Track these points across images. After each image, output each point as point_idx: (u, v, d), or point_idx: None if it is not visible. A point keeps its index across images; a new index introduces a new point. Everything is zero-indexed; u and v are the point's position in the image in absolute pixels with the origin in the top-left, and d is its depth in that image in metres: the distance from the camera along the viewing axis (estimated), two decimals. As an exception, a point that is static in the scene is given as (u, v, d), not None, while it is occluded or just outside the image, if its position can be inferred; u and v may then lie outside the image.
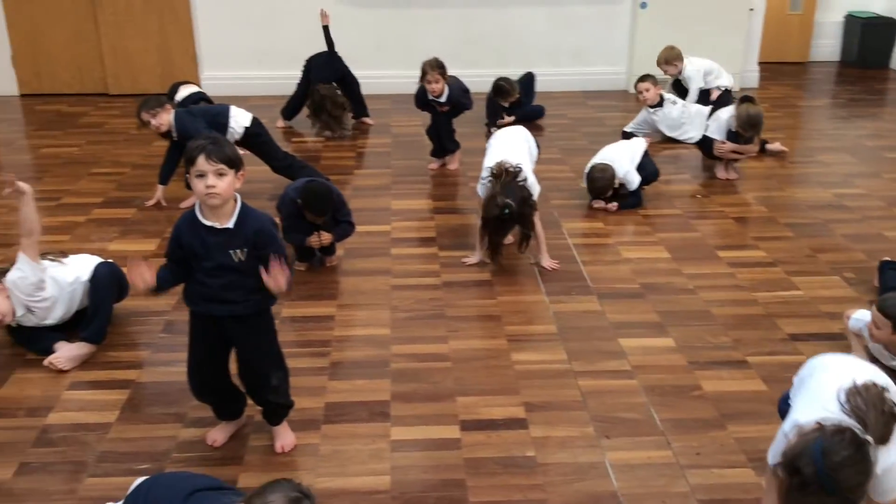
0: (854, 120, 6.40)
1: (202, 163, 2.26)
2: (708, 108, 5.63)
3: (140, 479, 2.11)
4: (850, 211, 4.54)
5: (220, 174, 2.27)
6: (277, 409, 2.59)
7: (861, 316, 2.97)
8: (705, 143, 5.15)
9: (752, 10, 6.95)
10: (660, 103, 5.65)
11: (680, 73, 6.01)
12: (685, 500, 2.41)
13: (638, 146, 4.73)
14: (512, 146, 4.02)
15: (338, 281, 3.74)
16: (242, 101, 6.54)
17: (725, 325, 3.35)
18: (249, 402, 2.61)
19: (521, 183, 3.71)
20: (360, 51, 6.23)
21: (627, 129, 5.76)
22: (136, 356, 3.13)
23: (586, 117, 6.38)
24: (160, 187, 4.55)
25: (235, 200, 2.36)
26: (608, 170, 4.50)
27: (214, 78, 6.83)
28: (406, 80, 5.22)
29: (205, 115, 4.45)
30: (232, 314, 2.39)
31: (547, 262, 3.87)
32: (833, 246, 4.09)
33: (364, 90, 6.05)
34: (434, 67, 4.91)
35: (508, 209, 3.60)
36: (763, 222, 4.41)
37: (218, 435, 2.63)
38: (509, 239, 3.99)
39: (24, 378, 2.98)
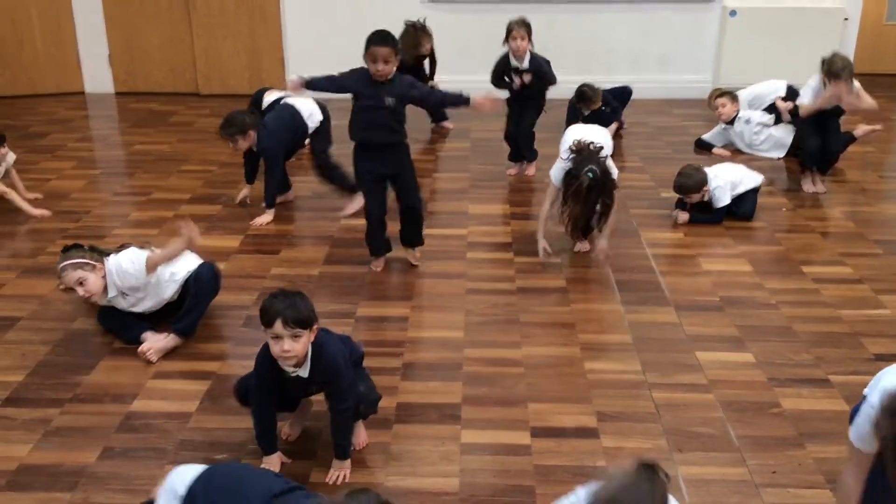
0: (953, 134, 6.13)
1: (279, 328, 2.31)
2: (788, 127, 5.44)
3: (180, 471, 2.11)
4: (946, 229, 4.36)
5: (296, 337, 2.32)
6: None
7: None
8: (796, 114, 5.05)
9: (846, 19, 6.73)
10: (732, 121, 5.53)
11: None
12: (760, 519, 2.35)
13: (752, 179, 4.55)
14: (591, 130, 4.05)
15: (412, 283, 3.78)
16: (329, 103, 6.73)
17: (808, 343, 3.26)
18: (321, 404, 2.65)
19: (603, 160, 3.70)
20: (442, 55, 6.27)
21: (705, 137, 5.65)
22: (218, 348, 3.22)
23: (669, 126, 6.28)
24: (247, 186, 4.67)
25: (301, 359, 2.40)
26: (701, 172, 4.41)
27: (300, 80, 6.99)
28: (488, 84, 5.23)
29: (283, 129, 4.48)
30: None
31: (604, 244, 3.85)
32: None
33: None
34: (521, 24, 4.86)
35: (593, 174, 3.59)
36: (851, 238, 4.26)
37: (292, 429, 2.69)
38: (585, 246, 3.99)
39: (111, 365, 3.10)
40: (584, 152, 3.71)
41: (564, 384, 2.99)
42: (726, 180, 4.42)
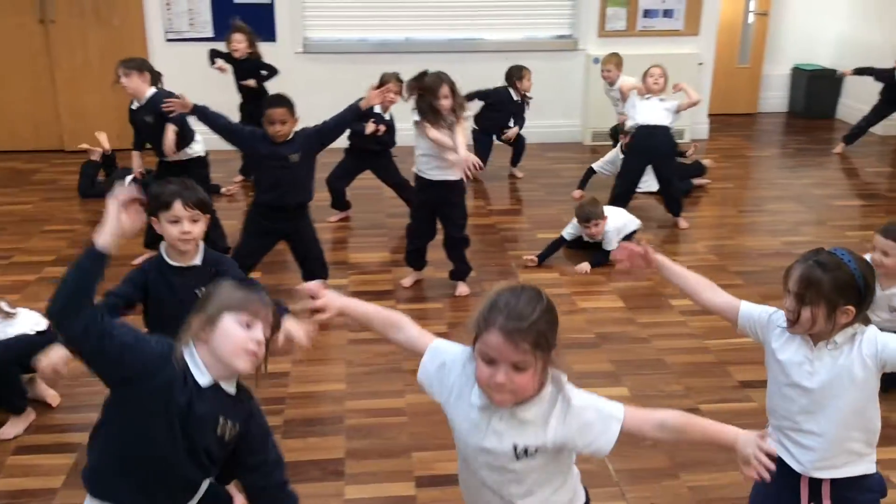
0: (801, 169, 6.58)
1: (178, 209, 2.30)
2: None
3: None
4: (799, 258, 4.64)
5: (195, 220, 2.34)
6: None
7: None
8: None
9: (701, 63, 7.15)
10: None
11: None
12: (639, 552, 2.40)
13: (634, 223, 4.75)
14: None
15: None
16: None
17: (678, 373, 3.39)
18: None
19: None
20: (315, 106, 6.27)
21: (595, 166, 5.79)
22: (85, 418, 3.06)
23: (543, 169, 6.48)
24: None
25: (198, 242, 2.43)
26: (600, 206, 4.53)
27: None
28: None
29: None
30: None
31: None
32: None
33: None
34: (395, 77, 4.98)
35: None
36: (714, 270, 4.48)
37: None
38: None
39: (-33, 443, 2.90)
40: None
41: (448, 431, 2.98)
42: (614, 226, 4.57)
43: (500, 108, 6.09)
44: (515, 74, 6.11)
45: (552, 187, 5.97)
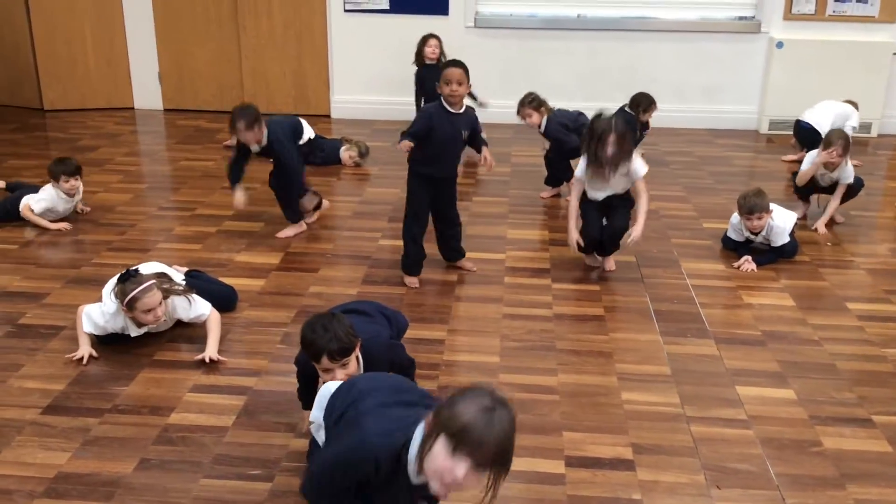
0: None
1: (326, 363, 2.42)
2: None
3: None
4: None
5: (345, 365, 2.42)
6: None
7: None
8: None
9: (895, 54, 6.64)
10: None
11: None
12: (798, 561, 2.29)
13: (791, 217, 4.40)
14: None
15: (450, 306, 3.77)
16: (368, 125, 6.80)
17: (851, 381, 3.19)
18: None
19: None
20: (484, 80, 6.31)
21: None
22: (255, 364, 3.25)
23: (713, 156, 6.24)
24: (239, 187, 4.54)
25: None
26: (766, 198, 4.24)
27: (343, 101, 7.10)
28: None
29: (291, 130, 4.55)
30: None
31: (638, 231, 3.86)
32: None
33: (487, 118, 6.12)
34: (524, 104, 5.09)
35: (604, 114, 3.83)
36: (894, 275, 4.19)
37: None
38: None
39: (150, 377, 3.14)
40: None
41: (600, 414, 2.96)
42: (782, 221, 4.27)
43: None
44: (643, 104, 5.72)
45: (721, 175, 5.74)
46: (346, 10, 6.92)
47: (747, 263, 4.19)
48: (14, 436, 2.76)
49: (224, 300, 3.61)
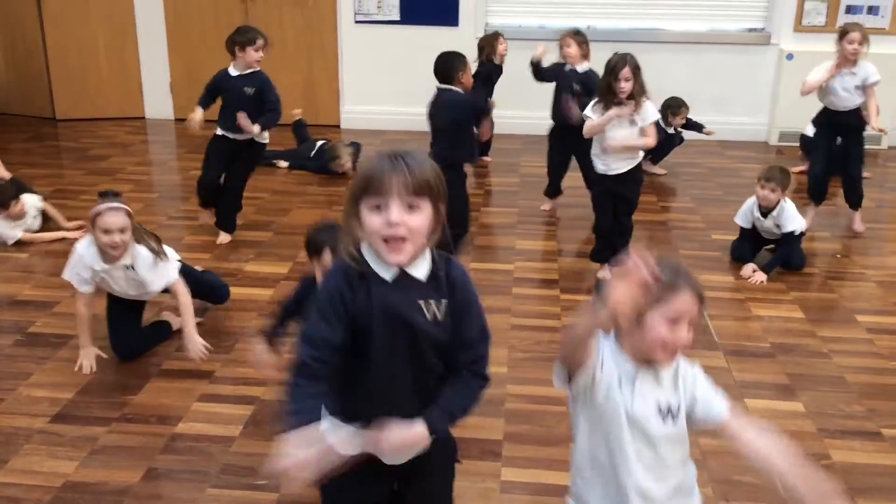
0: None
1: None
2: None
3: None
4: None
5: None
6: None
7: None
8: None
9: (907, 64, 6.61)
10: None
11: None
12: (807, 575, 2.27)
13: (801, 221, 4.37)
14: None
15: (458, 316, 3.77)
16: (378, 135, 6.82)
17: (860, 394, 3.17)
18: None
19: None
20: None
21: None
22: (262, 374, 3.25)
23: (722, 167, 6.23)
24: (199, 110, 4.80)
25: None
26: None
27: (353, 112, 7.13)
28: (539, 120, 5.25)
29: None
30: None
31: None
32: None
33: (497, 129, 6.13)
34: (569, 34, 4.96)
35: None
36: (907, 288, 4.17)
37: None
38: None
39: (159, 387, 3.15)
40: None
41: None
42: (793, 213, 4.25)
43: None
44: (673, 107, 5.79)
45: (730, 187, 5.72)
46: (356, 21, 6.95)
47: (756, 275, 4.17)
48: (22, 444, 2.77)
49: (215, 290, 3.70)
